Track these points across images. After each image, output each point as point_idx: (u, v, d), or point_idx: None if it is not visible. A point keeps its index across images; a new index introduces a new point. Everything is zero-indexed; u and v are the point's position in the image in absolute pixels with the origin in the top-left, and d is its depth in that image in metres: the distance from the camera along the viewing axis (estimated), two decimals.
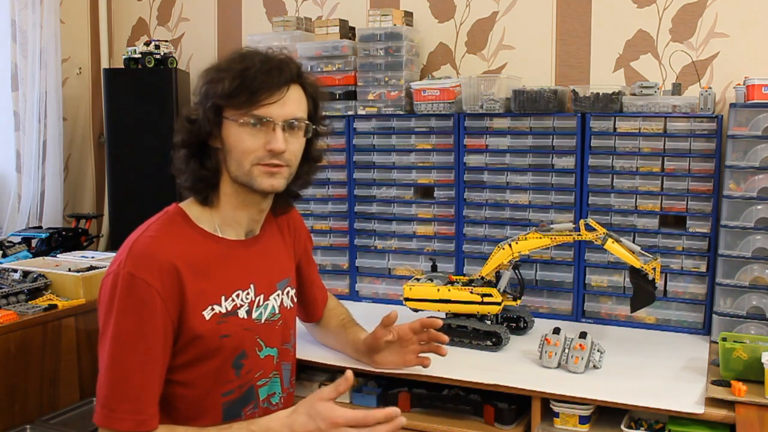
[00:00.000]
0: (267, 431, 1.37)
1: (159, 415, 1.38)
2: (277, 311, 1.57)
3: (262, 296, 1.54)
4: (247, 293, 1.50)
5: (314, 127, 1.52)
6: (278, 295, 1.58)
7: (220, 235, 1.49)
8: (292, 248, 1.72)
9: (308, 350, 1.93)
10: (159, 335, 1.35)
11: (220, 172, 1.47)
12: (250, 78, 1.39)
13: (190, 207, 1.50)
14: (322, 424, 1.31)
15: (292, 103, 1.44)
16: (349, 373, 1.35)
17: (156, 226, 1.44)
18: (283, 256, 1.66)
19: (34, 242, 2.83)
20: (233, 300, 1.47)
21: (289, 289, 1.64)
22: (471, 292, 2.03)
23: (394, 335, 1.77)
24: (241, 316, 1.48)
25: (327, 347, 1.99)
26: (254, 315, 1.51)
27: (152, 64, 2.96)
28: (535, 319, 2.19)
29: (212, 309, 1.43)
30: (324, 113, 1.59)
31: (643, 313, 2.17)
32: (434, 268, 2.25)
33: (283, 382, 1.58)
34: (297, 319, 1.76)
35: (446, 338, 1.80)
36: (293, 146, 1.46)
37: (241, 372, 1.48)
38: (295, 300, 1.69)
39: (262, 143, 1.41)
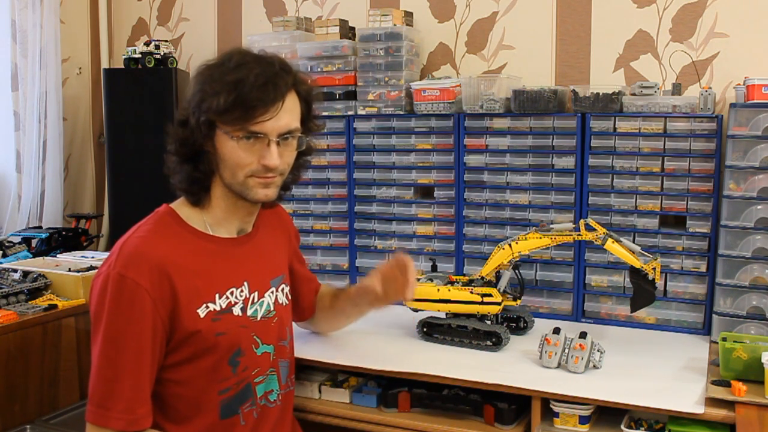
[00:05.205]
0: None
1: (151, 414, 1.39)
2: (272, 308, 1.57)
3: (256, 293, 1.54)
4: (241, 290, 1.51)
5: (307, 138, 1.53)
6: (272, 292, 1.59)
7: (212, 234, 1.50)
8: (284, 247, 1.73)
9: (308, 350, 1.92)
10: (149, 334, 1.36)
11: (213, 175, 1.48)
12: (244, 94, 1.37)
13: (180, 207, 1.51)
14: None
15: (286, 114, 1.43)
16: None
17: (146, 227, 1.45)
18: (275, 254, 1.67)
19: (34, 242, 2.83)
20: (227, 297, 1.48)
21: (283, 286, 1.64)
22: (471, 292, 2.03)
23: (380, 283, 1.69)
24: (236, 314, 1.48)
25: (330, 335, 2.00)
26: (249, 312, 1.51)
27: (152, 64, 2.96)
28: (535, 319, 2.19)
29: (207, 307, 1.43)
30: (318, 113, 1.59)
31: (643, 313, 2.17)
32: (434, 268, 2.24)
33: (280, 379, 1.59)
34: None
35: (409, 262, 1.69)
36: (286, 157, 1.48)
37: (238, 369, 1.48)
38: (290, 297, 1.69)
39: (256, 157, 1.42)
